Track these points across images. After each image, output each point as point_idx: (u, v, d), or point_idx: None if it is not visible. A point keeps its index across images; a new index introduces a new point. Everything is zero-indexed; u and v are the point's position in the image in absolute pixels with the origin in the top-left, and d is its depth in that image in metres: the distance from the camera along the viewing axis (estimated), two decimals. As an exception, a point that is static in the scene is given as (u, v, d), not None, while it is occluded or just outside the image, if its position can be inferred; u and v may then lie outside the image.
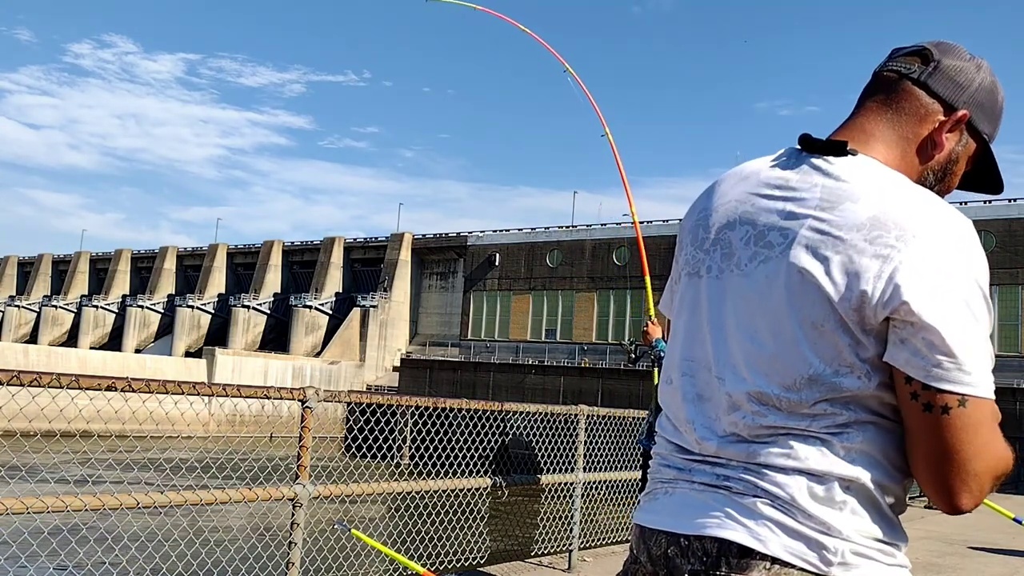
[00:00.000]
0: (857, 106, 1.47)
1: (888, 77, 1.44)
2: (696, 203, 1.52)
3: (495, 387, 44.81)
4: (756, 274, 1.33)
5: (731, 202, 1.42)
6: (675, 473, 1.41)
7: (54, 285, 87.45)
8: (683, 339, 1.45)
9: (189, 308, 71.00)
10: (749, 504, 1.29)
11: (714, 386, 1.37)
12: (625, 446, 7.95)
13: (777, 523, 1.27)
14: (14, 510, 3.60)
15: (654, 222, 55.15)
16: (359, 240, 71.71)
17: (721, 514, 1.30)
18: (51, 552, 4.49)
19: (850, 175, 1.32)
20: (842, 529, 1.26)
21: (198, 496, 4.25)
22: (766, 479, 1.29)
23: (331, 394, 4.88)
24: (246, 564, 4.95)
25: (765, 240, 1.34)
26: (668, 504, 1.40)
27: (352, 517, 5.97)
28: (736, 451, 1.33)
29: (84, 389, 3.72)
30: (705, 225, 1.45)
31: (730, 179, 1.47)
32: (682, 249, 1.51)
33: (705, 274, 1.41)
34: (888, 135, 1.41)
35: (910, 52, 1.45)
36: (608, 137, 6.76)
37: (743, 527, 1.28)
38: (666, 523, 1.37)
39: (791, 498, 1.27)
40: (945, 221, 1.25)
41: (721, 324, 1.37)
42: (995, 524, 9.32)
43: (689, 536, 1.32)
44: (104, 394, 3.94)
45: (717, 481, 1.34)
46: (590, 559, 7.09)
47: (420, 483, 5.74)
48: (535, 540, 7.07)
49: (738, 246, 1.37)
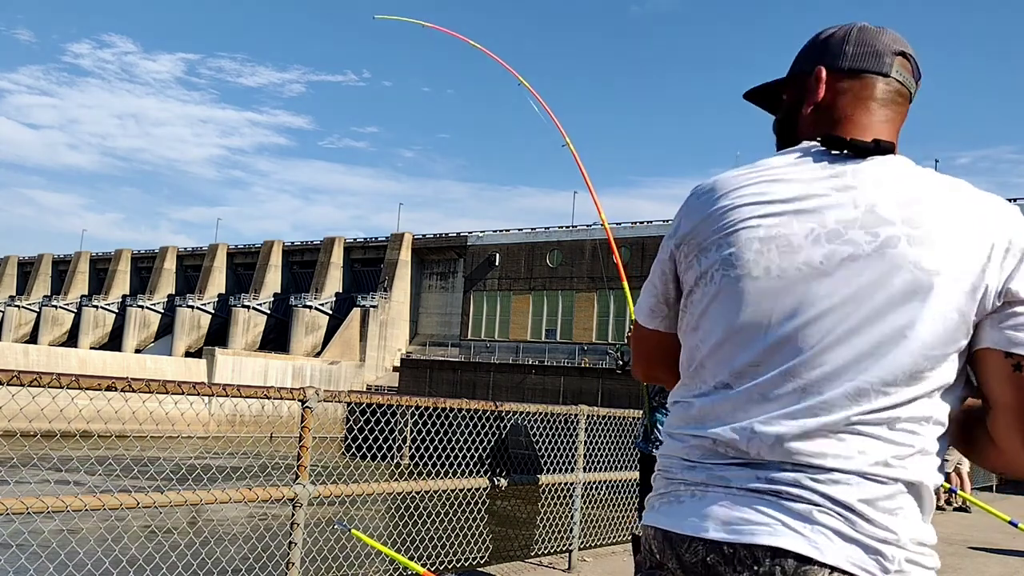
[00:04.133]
0: (869, 104, 1.46)
1: (903, 91, 1.48)
2: (707, 204, 1.43)
3: (495, 387, 44.80)
4: (841, 272, 1.31)
5: (778, 203, 1.37)
6: (705, 475, 1.36)
7: (54, 285, 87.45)
8: (733, 340, 1.37)
9: (189, 308, 71.01)
10: (804, 511, 1.26)
11: (780, 385, 1.31)
12: (625, 446, 7.94)
13: (834, 530, 1.25)
14: (14, 510, 3.60)
15: (654, 222, 55.19)
16: (359, 240, 71.74)
17: (772, 520, 1.26)
18: (51, 552, 4.49)
19: (909, 173, 1.38)
20: (900, 536, 1.26)
21: (198, 496, 4.25)
22: (822, 483, 1.26)
23: (331, 394, 4.88)
24: (246, 564, 4.95)
25: (844, 238, 1.32)
26: (700, 508, 1.34)
27: (352, 517, 5.97)
28: (792, 453, 1.28)
29: (84, 389, 3.71)
30: (746, 224, 1.37)
31: (756, 178, 1.41)
32: (700, 252, 1.42)
33: (762, 273, 1.34)
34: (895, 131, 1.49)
35: (910, 60, 1.50)
36: (570, 147, 6.78)
37: (798, 534, 1.25)
38: (702, 529, 1.31)
39: (850, 504, 1.25)
40: (1012, 208, 1.36)
41: (800, 323, 1.32)
42: (994, 524, 9.32)
43: (735, 544, 1.27)
44: (104, 394, 3.94)
45: (762, 484, 1.29)
46: (590, 559, 7.09)
47: (420, 483, 5.74)
48: (535, 540, 7.06)
49: (801, 243, 1.33)
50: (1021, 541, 9.31)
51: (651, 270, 1.56)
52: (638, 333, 1.64)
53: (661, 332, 1.58)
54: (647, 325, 1.59)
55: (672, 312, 1.54)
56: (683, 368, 1.49)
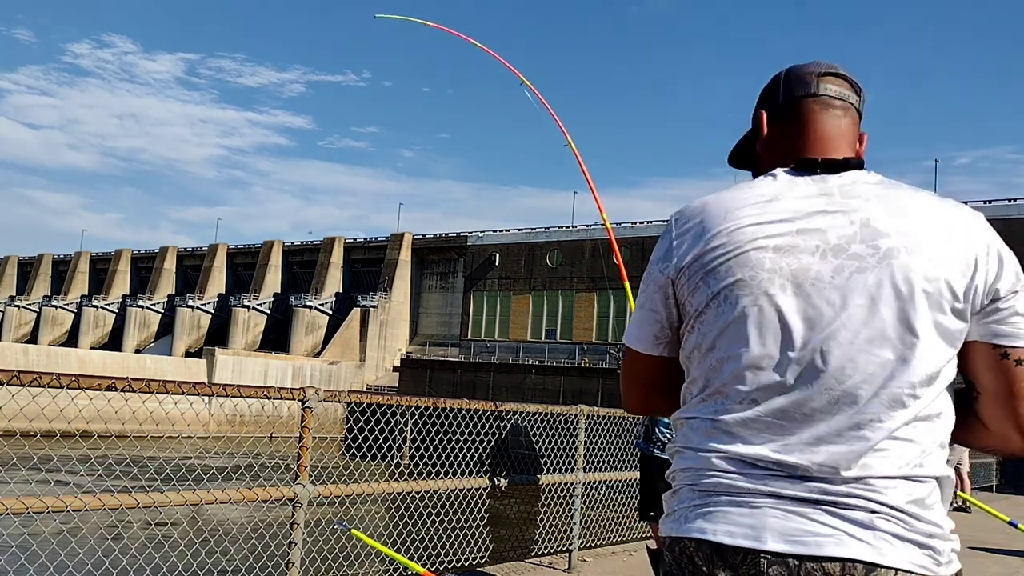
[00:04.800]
0: (814, 128, 1.56)
1: (842, 105, 1.58)
2: (705, 228, 1.47)
3: (495, 387, 44.78)
4: (852, 285, 1.37)
5: (779, 223, 1.42)
6: (754, 485, 1.37)
7: (54, 285, 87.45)
8: (758, 357, 1.40)
9: (189, 308, 71.01)
10: (865, 519, 1.30)
11: (815, 399, 1.36)
12: (625, 446, 7.94)
13: (893, 534, 1.30)
14: (14, 510, 3.60)
15: (654, 222, 55.22)
16: (359, 240, 71.74)
17: (835, 531, 1.30)
18: (51, 552, 4.49)
19: (887, 187, 1.47)
20: (943, 528, 1.34)
21: (198, 496, 4.25)
22: (875, 491, 1.31)
23: (331, 394, 4.87)
24: (246, 564, 4.95)
25: (848, 252, 1.39)
26: (751, 520, 1.35)
27: (352, 517, 5.97)
28: (838, 463, 1.33)
29: (84, 389, 3.71)
30: (755, 245, 1.42)
31: (750, 201, 1.46)
32: (707, 274, 1.45)
33: (779, 291, 1.39)
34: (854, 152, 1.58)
35: (844, 79, 1.59)
36: (572, 147, 6.77)
37: (863, 543, 1.29)
38: (761, 541, 1.32)
39: (900, 507, 1.31)
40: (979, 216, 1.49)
41: (824, 336, 1.37)
42: (994, 525, 9.32)
43: (800, 555, 1.29)
44: (104, 394, 3.94)
45: (814, 495, 1.32)
46: (590, 559, 7.09)
47: (420, 483, 5.74)
48: (535, 540, 7.06)
49: (810, 260, 1.39)
50: (1021, 541, 9.32)
51: (643, 296, 1.58)
52: (636, 365, 1.64)
53: (664, 358, 1.59)
54: (649, 353, 1.60)
55: (675, 337, 1.57)
56: (693, 389, 1.51)
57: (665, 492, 1.56)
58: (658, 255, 1.54)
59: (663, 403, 1.65)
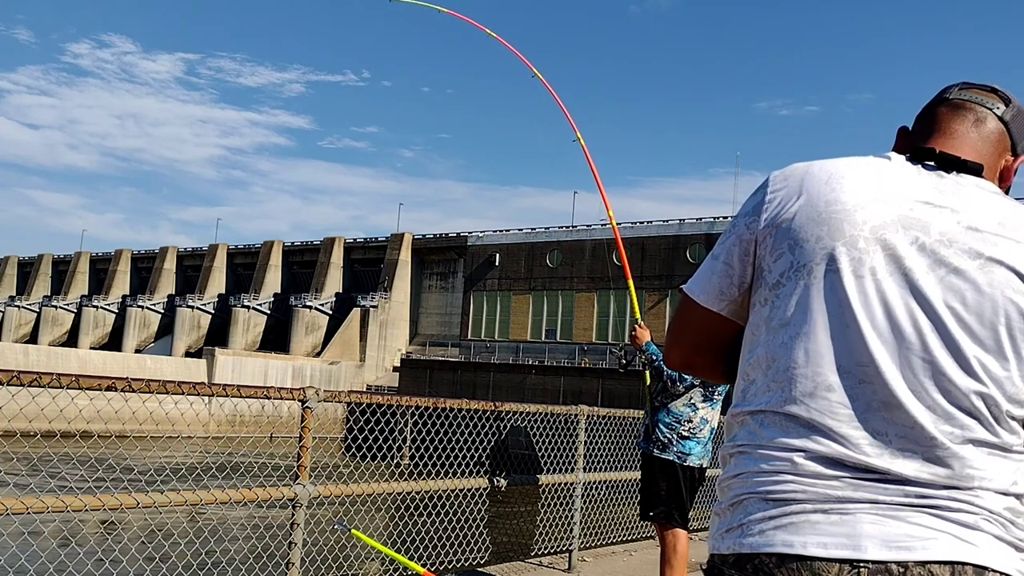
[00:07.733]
0: (939, 126, 1.50)
1: (974, 108, 1.49)
2: (804, 191, 1.40)
3: (495, 387, 44.80)
4: (948, 283, 1.31)
5: (881, 203, 1.36)
6: (842, 491, 1.28)
7: (54, 285, 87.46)
8: (839, 342, 1.32)
9: (189, 308, 71.01)
10: (970, 521, 1.26)
11: (910, 396, 1.29)
12: (625, 446, 7.94)
13: (996, 536, 1.28)
14: (14, 510, 3.60)
15: (654, 222, 55.21)
16: (359, 240, 71.75)
17: (940, 533, 1.25)
18: (51, 552, 4.49)
19: (1002, 199, 1.40)
20: None
21: (198, 496, 4.25)
22: (976, 496, 1.28)
23: (331, 394, 4.88)
24: (246, 564, 4.94)
25: (948, 251, 1.32)
26: (844, 528, 1.26)
27: (352, 517, 5.97)
28: (939, 467, 1.27)
29: (84, 389, 3.72)
30: (851, 221, 1.35)
31: (856, 175, 1.40)
32: (795, 242, 1.38)
33: (868, 274, 1.32)
34: (986, 163, 1.47)
35: (988, 89, 1.52)
36: (580, 142, 6.74)
37: (970, 544, 1.26)
38: (860, 549, 1.24)
39: (999, 512, 1.28)
40: None
41: (913, 328, 1.30)
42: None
43: (905, 562, 1.22)
44: (104, 394, 3.94)
45: (915, 500, 1.26)
46: (590, 559, 7.09)
47: (420, 483, 5.74)
48: (535, 540, 7.06)
49: (907, 251, 1.33)
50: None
51: (720, 247, 1.48)
52: (690, 315, 1.53)
53: (722, 317, 1.49)
54: (710, 306, 1.49)
55: (742, 298, 1.46)
56: (756, 364, 1.40)
57: (721, 503, 1.41)
58: (746, 209, 1.45)
59: (706, 364, 1.59)
